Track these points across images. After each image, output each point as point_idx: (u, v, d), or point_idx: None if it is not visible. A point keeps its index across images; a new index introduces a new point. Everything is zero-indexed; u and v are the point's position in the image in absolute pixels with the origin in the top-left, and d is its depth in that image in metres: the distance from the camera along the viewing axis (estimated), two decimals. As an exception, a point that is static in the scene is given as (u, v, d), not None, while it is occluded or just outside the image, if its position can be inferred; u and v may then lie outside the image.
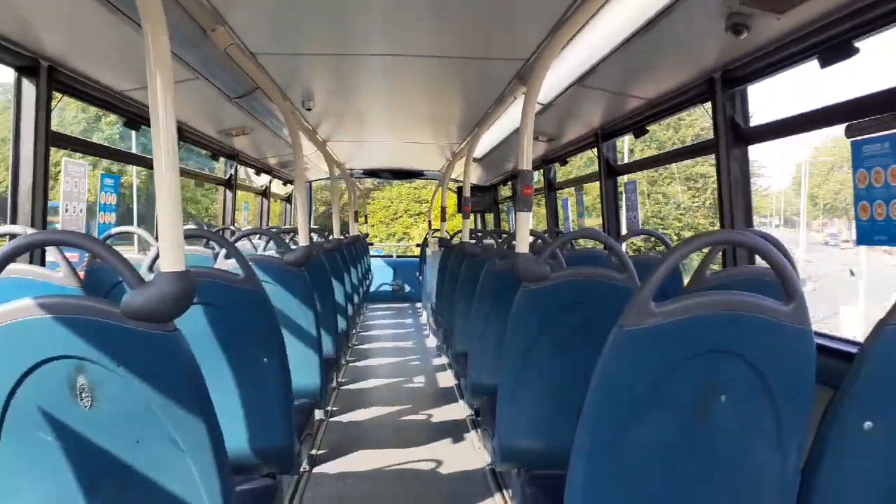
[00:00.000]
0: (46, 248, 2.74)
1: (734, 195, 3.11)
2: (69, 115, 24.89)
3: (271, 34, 2.98)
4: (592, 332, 1.77)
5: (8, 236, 2.52)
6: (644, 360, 1.38)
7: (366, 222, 11.47)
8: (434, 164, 8.50)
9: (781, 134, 3.05)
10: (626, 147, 21.99)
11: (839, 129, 2.37)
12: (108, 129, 25.39)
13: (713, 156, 3.20)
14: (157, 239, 3.32)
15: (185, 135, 4.78)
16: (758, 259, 2.96)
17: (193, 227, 3.47)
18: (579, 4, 2.34)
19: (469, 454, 3.63)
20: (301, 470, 2.82)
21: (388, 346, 6.86)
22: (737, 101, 3.07)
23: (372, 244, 11.24)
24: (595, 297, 2.23)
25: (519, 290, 2.27)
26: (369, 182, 24.86)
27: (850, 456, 1.40)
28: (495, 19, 2.74)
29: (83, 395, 1.24)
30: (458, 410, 4.44)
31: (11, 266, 1.29)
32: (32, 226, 2.89)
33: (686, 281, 2.73)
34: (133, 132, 4.09)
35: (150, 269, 2.31)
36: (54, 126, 3.00)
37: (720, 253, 3.19)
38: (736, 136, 3.07)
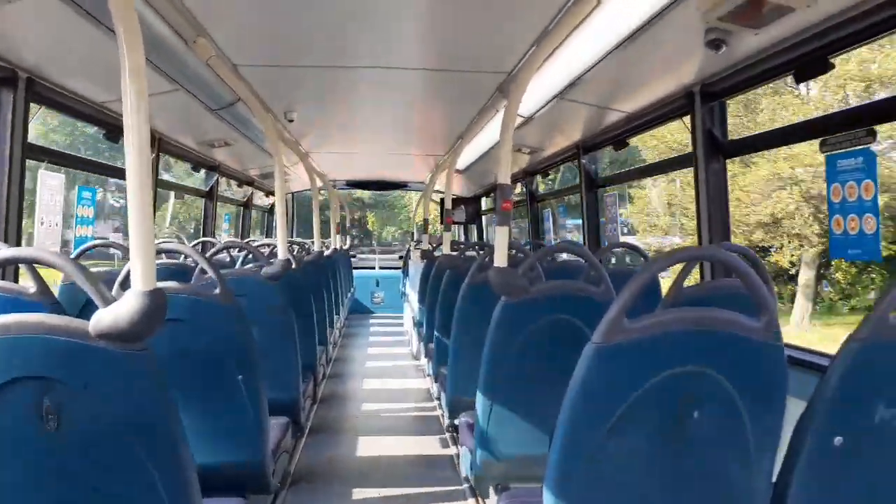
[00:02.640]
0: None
1: (712, 208, 3.13)
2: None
3: (253, 46, 2.97)
4: (570, 346, 1.76)
5: None
6: (616, 376, 1.38)
7: (347, 234, 11.36)
8: (418, 176, 8.49)
9: (758, 148, 3.10)
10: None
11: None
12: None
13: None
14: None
15: (166, 146, 4.72)
16: None
17: (169, 240, 3.40)
18: (560, 19, 2.36)
19: (448, 470, 3.59)
20: (275, 489, 2.76)
21: (369, 361, 6.78)
22: (715, 114, 3.11)
23: (354, 256, 11.16)
24: (573, 310, 2.22)
25: (498, 304, 2.26)
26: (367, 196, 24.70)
27: (820, 471, 1.40)
28: (479, 32, 2.76)
29: (49, 417, 1.21)
30: (438, 426, 4.40)
31: None
32: (6, 241, 2.79)
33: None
34: None
35: (123, 286, 2.25)
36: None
37: (698, 265, 3.21)
38: (714, 149, 3.11)
